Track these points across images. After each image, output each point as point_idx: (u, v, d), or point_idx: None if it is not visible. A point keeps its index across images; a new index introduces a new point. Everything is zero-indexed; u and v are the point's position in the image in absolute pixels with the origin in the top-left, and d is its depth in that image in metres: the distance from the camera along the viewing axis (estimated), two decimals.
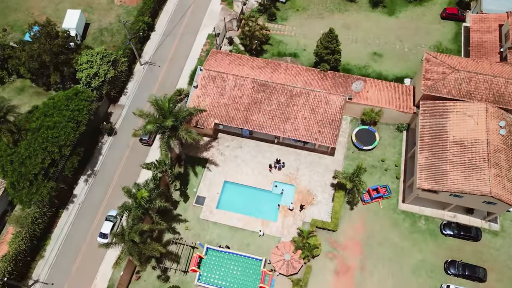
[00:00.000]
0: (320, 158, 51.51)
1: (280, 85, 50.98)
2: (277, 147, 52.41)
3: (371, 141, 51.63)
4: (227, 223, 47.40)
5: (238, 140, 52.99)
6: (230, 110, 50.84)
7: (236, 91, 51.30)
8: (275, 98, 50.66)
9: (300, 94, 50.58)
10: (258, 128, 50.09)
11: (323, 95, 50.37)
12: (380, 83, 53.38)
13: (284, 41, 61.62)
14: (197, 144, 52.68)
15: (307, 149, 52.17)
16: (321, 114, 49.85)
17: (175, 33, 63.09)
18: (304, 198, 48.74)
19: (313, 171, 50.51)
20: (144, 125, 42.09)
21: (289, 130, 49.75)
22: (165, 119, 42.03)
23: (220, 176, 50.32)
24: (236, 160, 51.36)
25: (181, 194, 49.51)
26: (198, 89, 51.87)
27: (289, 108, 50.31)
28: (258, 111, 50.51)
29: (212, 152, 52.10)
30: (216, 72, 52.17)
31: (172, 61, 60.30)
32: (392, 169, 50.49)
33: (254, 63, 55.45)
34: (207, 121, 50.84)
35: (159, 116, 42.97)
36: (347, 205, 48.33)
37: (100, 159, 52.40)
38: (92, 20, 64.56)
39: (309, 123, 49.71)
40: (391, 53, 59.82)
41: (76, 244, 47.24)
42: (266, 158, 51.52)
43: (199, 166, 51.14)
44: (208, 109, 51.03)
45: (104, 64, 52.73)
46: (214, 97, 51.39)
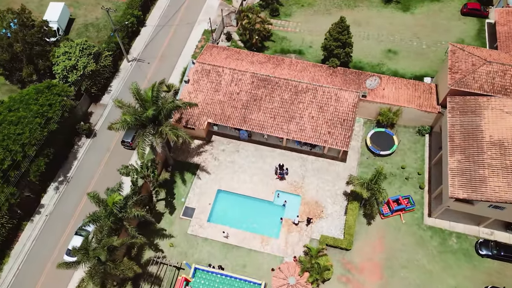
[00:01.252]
0: (329, 165, 44.28)
1: (284, 80, 44.43)
2: (280, 151, 45.31)
3: (388, 145, 44.52)
4: (220, 240, 39.71)
5: (235, 144, 45.98)
6: (226, 108, 44.10)
7: (233, 86, 44.72)
8: (278, 94, 43.98)
9: (307, 90, 43.92)
10: (258, 128, 43.18)
11: (333, 91, 43.68)
12: (398, 80, 46.77)
13: (288, 38, 55.59)
14: (187, 147, 45.72)
15: (315, 154, 45.02)
16: (330, 112, 43.01)
17: (168, 29, 57.29)
18: (312, 211, 41.20)
19: (322, 180, 43.17)
20: (121, 117, 35.17)
21: (294, 131, 42.80)
22: (146, 110, 35.20)
23: (212, 185, 43.02)
24: (232, 166, 44.18)
25: (166, 204, 42.09)
26: (189, 84, 45.34)
27: (294, 106, 43.53)
28: (258, 109, 43.74)
29: (205, 157, 45.00)
30: (211, 65, 45.77)
31: (163, 58, 54.13)
32: (415, 178, 43.10)
33: (254, 58, 49.14)
34: (199, 120, 44.02)
35: (140, 108, 36.19)
36: (363, 219, 40.71)
37: (75, 164, 45.30)
38: (78, 15, 58.99)
39: (317, 123, 42.80)
40: (407, 50, 53.58)
41: (40, 262, 39.48)
42: (267, 163, 44.32)
43: (188, 173, 43.95)
44: (201, 107, 44.33)
45: (84, 57, 46.47)
46: (207, 93, 44.77)
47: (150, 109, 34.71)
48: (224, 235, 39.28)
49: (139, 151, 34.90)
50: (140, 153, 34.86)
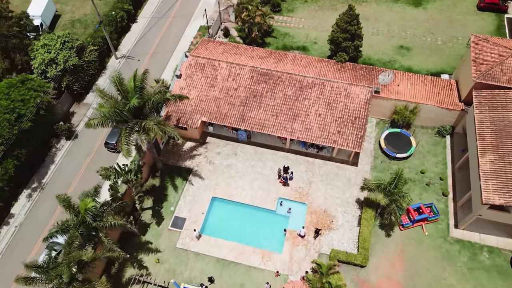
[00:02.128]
0: (338, 169, 39.12)
1: (287, 74, 39.71)
2: (283, 154, 40.22)
3: (405, 147, 39.44)
4: (214, 255, 34.26)
5: (232, 146, 40.95)
6: (223, 105, 39.25)
7: (231, 81, 39.98)
8: (280, 90, 39.19)
9: (313, 85, 39.14)
10: (258, 127, 38.23)
11: (342, 86, 38.89)
12: (414, 76, 42.05)
13: (291, 34, 51.23)
14: (178, 149, 40.69)
15: (322, 157, 39.91)
16: (340, 109, 38.11)
17: (161, 25, 53.06)
18: (320, 221, 35.83)
19: (331, 186, 37.94)
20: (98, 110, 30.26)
21: (299, 131, 37.83)
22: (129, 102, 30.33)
23: (206, 192, 37.78)
24: (229, 171, 39.03)
25: (153, 214, 36.77)
26: (182, 80, 40.62)
27: (299, 102, 38.69)
28: (258, 106, 38.89)
29: (198, 161, 39.89)
30: (206, 59, 41.15)
31: (155, 55, 49.64)
32: (437, 184, 37.86)
33: (254, 52, 44.61)
34: (191, 119, 39.12)
35: (122, 100, 31.32)
36: (379, 230, 35.31)
37: (52, 168, 40.17)
38: (65, 11, 54.89)
39: (324, 121, 37.86)
40: (421, 46, 49.10)
41: (7, 279, 33.91)
42: (268, 168, 39.18)
43: (179, 178, 38.77)
44: (194, 104, 39.52)
45: (66, 50, 41.94)
46: (202, 89, 40.00)
47: (134, 98, 29.83)
48: (195, 234, 34.26)
49: (123, 147, 29.78)
50: (125, 149, 29.70)
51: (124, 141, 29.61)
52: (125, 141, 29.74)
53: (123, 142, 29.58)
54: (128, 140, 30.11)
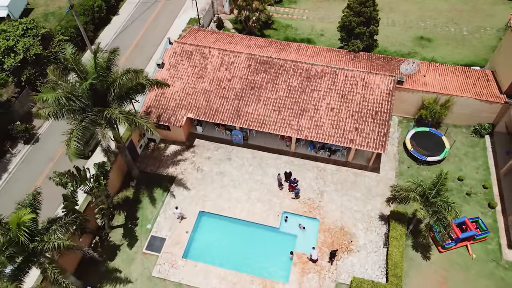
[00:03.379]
0: (356, 176, 31.75)
1: (291, 62, 32.90)
2: (287, 159, 32.91)
3: (437, 149, 32.23)
4: (200, 286, 26.37)
5: (226, 149, 33.67)
6: (213, 99, 32.24)
7: (223, 71, 33.10)
8: (284, 80, 32.28)
9: (323, 75, 32.25)
10: (256, 125, 31.11)
11: (358, 75, 32.01)
12: (441, 67, 35.34)
13: (293, 26, 44.88)
14: (159, 154, 33.40)
15: (335, 162, 32.61)
16: (357, 102, 31.11)
17: (146, 17, 46.77)
18: (336, 241, 28.17)
19: (347, 197, 30.47)
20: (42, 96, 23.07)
21: (307, 128, 30.69)
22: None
23: (192, 205, 30.23)
24: (221, 179, 31.61)
25: (125, 233, 29.11)
26: (164, 70, 33.76)
27: (306, 95, 31.72)
28: (256, 100, 31.89)
29: (183, 167, 32.52)
30: (194, 45, 34.41)
31: (137, 49, 43.02)
32: (480, 193, 30.46)
33: (251, 41, 38.01)
34: (175, 115, 32.04)
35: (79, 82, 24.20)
36: (412, 252, 27.62)
37: (4, 177, 32.69)
38: (38, 4, 48.71)
39: (338, 116, 30.78)
40: (444, 37, 42.69)
41: None
42: (269, 175, 31.80)
43: (159, 189, 31.30)
44: (179, 98, 32.53)
45: (29, 38, 35.28)
46: (188, 81, 33.08)
47: (91, 79, 22.77)
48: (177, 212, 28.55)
49: (71, 145, 22.50)
50: (72, 148, 22.44)
51: (75, 135, 22.34)
52: (77, 136, 22.46)
53: (73, 137, 22.31)
54: (82, 135, 22.84)
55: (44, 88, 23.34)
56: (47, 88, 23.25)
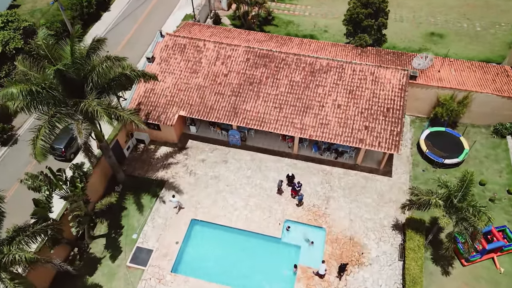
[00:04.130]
0: (366, 181, 28.61)
1: (294, 56, 30.06)
2: (289, 162, 29.84)
3: (455, 150, 29.18)
4: None
5: (222, 151, 30.62)
6: (208, 96, 29.31)
7: (219, 65, 30.24)
8: (285, 75, 29.39)
9: (329, 69, 29.38)
10: (255, 123, 28.13)
11: (368, 69, 29.13)
12: (457, 62, 32.50)
13: (295, 22, 42.23)
14: (148, 156, 30.38)
15: (343, 165, 29.52)
16: (366, 99, 28.17)
17: (138, 13, 44.16)
18: (346, 253, 24.93)
19: (357, 203, 27.31)
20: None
21: (311, 127, 27.69)
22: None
23: (184, 212, 27.06)
24: (216, 184, 28.48)
25: (107, 244, 25.89)
26: (155, 64, 30.91)
27: (310, 90, 28.79)
28: (255, 96, 28.96)
29: (175, 171, 29.42)
30: (187, 38, 31.62)
31: (129, 46, 40.29)
32: (505, 199, 27.33)
33: (250, 36, 35.25)
34: (166, 113, 29.08)
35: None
36: (432, 265, 24.36)
37: None
38: (26, 1, 46.04)
39: (346, 114, 27.81)
40: (457, 33, 40.00)
41: None
42: (270, 179, 28.69)
43: (147, 195, 28.16)
44: (170, 94, 29.62)
45: (9, 31, 32.56)
46: (181, 76, 30.20)
47: (61, 64, 19.84)
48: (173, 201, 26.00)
49: (37, 143, 19.52)
50: (38, 147, 19.44)
51: (42, 133, 19.34)
52: (46, 133, 19.46)
53: (40, 135, 19.33)
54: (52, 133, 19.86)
55: (7, 81, 20.37)
56: (10, 81, 20.23)
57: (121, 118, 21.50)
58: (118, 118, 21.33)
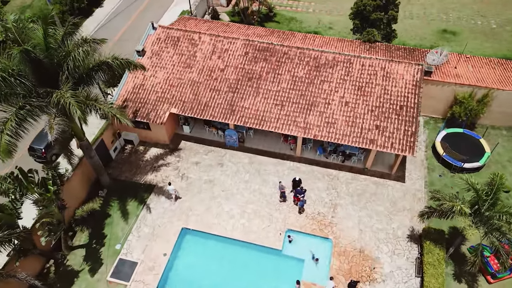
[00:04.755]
0: (377, 186, 25.79)
1: (297, 49, 27.51)
2: (291, 165, 27.06)
3: (475, 153, 26.39)
4: None
5: (217, 153, 27.90)
6: (203, 92, 26.71)
7: (216, 60, 27.69)
8: (288, 70, 26.80)
9: (335, 64, 26.78)
10: (254, 122, 25.47)
11: (378, 63, 26.51)
12: (474, 58, 29.89)
13: (298, 18, 39.85)
14: (137, 158, 27.71)
15: (350, 170, 26.73)
16: (377, 95, 25.50)
17: (132, 10, 41.85)
18: (355, 268, 22.02)
19: (367, 211, 24.45)
20: None
21: (316, 126, 25.01)
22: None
23: (174, 220, 24.24)
24: (210, 189, 25.71)
25: (87, 256, 23.06)
26: (145, 58, 28.40)
27: (315, 86, 26.17)
28: (254, 92, 26.34)
29: (165, 174, 26.68)
30: (182, 31, 29.15)
31: (121, 43, 37.81)
32: None
33: (249, 31, 32.78)
34: (155, 110, 26.47)
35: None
36: (454, 283, 21.41)
37: None
38: None
39: (355, 112, 25.14)
40: (471, 30, 37.53)
41: None
42: (270, 184, 25.90)
43: (134, 200, 25.40)
44: (161, 90, 27.05)
45: None
46: (173, 71, 27.65)
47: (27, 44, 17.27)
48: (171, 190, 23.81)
49: (3, 139, 16.86)
50: (3, 145, 16.80)
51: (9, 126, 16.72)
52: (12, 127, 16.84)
53: (6, 129, 16.71)
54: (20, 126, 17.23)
55: None
56: None
57: (101, 110, 18.82)
58: (96, 109, 18.63)
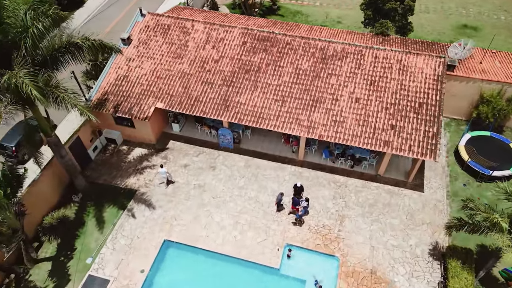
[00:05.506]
0: (391, 196, 22.38)
1: (301, 39, 24.37)
2: (293, 170, 23.76)
3: (505, 160, 22.92)
4: None
5: (209, 155, 24.69)
6: (194, 85, 23.60)
7: (209, 50, 24.61)
8: (290, 62, 23.63)
9: (344, 55, 23.57)
10: (251, 119, 22.27)
11: (393, 55, 23.27)
12: (501, 54, 26.54)
13: (304, 12, 36.89)
14: (119, 159, 24.59)
15: (361, 176, 23.35)
16: (392, 92, 22.21)
17: (126, 1, 39.17)
18: None
19: (379, 224, 21.02)
20: None
21: (322, 125, 21.74)
22: None
23: (155, 231, 20.96)
24: (199, 196, 22.45)
25: (53, 270, 19.83)
26: (131, 47, 25.41)
27: (321, 80, 22.94)
28: (252, 86, 23.17)
29: (149, 178, 23.49)
30: (173, 18, 26.15)
31: (112, 35, 34.62)
32: None
33: (250, 21, 29.73)
34: (139, 105, 23.38)
35: None
36: None
37: None
38: None
39: (366, 109, 21.86)
40: (494, 26, 34.36)
41: None
42: (268, 191, 22.61)
43: (112, 207, 22.21)
44: (147, 82, 24.00)
45: None
46: (162, 61, 24.59)
47: None
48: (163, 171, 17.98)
49: None
50: None
51: None
52: None
53: None
54: None
55: None
56: None
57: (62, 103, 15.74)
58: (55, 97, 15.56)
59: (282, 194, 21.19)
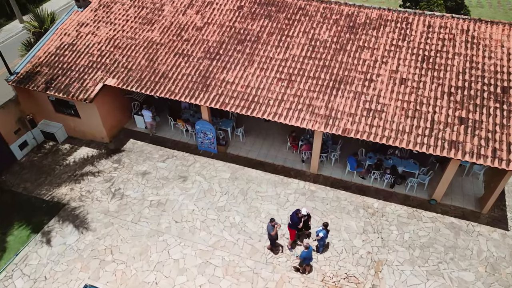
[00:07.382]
0: (456, 234, 14.03)
1: (319, 3, 17.35)
2: (301, 186, 15.80)
3: None
4: None
5: (181, 161, 17.05)
6: (163, 57, 16.49)
7: (192, 15, 17.73)
8: (304, 31, 16.43)
9: (383, 23, 16.27)
10: (239, 104, 14.78)
11: (457, 24, 15.82)
12: None
13: None
14: (55, 161, 17.21)
15: (404, 200, 15.17)
16: (458, 71, 14.52)
17: None
18: None
19: (440, 279, 12.61)
20: None
21: (348, 115, 14.01)
22: None
23: (75, 269, 13.07)
24: (156, 218, 14.62)
25: None
26: (87, 11, 18.74)
27: (348, 55, 15.51)
28: (245, 61, 15.90)
29: (89, 187, 15.89)
30: None
31: None
32: None
33: None
34: (82, 81, 16.26)
35: None
36: None
37: None
38: None
39: (418, 96, 14.11)
40: None
41: None
42: (261, 217, 14.62)
43: (24, 227, 14.58)
44: (98, 52, 17.03)
45: None
46: (124, 27, 17.74)
47: None
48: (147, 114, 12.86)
49: None
50: None
51: None
52: None
53: None
54: None
55: None
56: None
57: None
58: None
59: (273, 221, 12.98)
